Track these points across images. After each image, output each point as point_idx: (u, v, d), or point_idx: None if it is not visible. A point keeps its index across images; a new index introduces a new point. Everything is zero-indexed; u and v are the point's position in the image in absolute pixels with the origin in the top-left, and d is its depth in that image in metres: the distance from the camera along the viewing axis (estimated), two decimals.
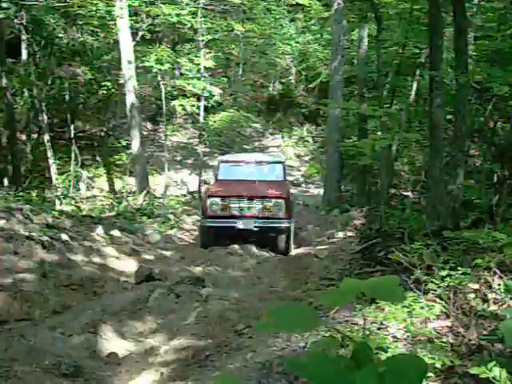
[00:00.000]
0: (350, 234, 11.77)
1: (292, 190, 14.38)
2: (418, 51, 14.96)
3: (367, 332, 3.20)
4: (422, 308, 3.86)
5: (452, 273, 4.13)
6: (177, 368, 4.14)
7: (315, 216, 15.32)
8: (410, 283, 4.21)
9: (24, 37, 16.60)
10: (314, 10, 25.63)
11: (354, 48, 19.01)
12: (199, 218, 12.62)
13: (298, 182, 21.18)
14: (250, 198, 11.09)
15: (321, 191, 17.54)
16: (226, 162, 13.08)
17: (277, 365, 3.20)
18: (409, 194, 16.48)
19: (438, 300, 4.00)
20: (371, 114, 12.13)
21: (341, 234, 12.15)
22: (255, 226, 10.92)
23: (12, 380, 3.94)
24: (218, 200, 11.07)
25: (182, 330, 5.25)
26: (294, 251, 11.40)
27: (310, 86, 26.50)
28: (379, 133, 10.33)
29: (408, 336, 3.66)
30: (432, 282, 4.07)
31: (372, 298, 3.60)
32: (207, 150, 21.02)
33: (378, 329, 3.73)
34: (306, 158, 24.36)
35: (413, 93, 14.67)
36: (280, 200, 10.98)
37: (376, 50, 12.07)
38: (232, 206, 11.05)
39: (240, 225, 10.88)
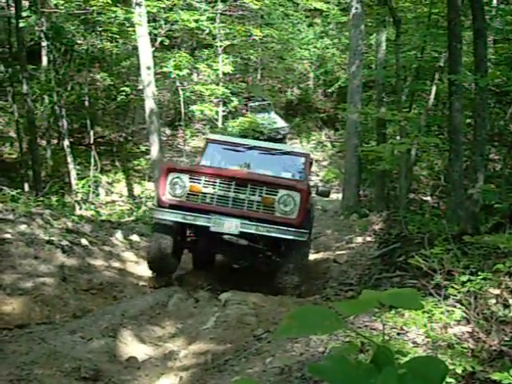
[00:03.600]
0: (368, 238, 11.70)
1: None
2: (436, 55, 14.88)
3: (387, 337, 3.18)
4: (442, 313, 3.83)
5: (472, 278, 4.09)
6: (196, 372, 4.14)
7: (334, 221, 15.27)
8: (430, 288, 4.18)
9: (44, 44, 16.79)
10: (332, 14, 25.63)
11: (372, 52, 18.97)
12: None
13: (325, 190, 21.01)
14: (241, 183, 7.07)
15: (339, 196, 17.48)
16: (217, 142, 9.19)
17: (296, 370, 3.19)
18: (428, 198, 16.38)
19: (458, 305, 3.97)
20: (390, 119, 12.07)
21: (360, 239, 12.08)
22: (242, 232, 6.90)
23: (33, 382, 3.96)
24: (184, 177, 7.11)
25: (200, 335, 5.26)
26: (312, 256, 11.34)
27: (329, 90, 26.47)
28: (398, 137, 10.28)
29: (428, 341, 3.63)
30: (452, 287, 4.04)
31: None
32: None
33: (398, 334, 3.71)
34: (325, 163, 24.33)
35: (432, 97, 14.59)
36: (293, 192, 7.00)
37: (394, 54, 12.01)
38: (207, 191, 7.06)
39: (216, 226, 6.87)
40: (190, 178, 7.18)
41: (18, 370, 4.12)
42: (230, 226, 6.91)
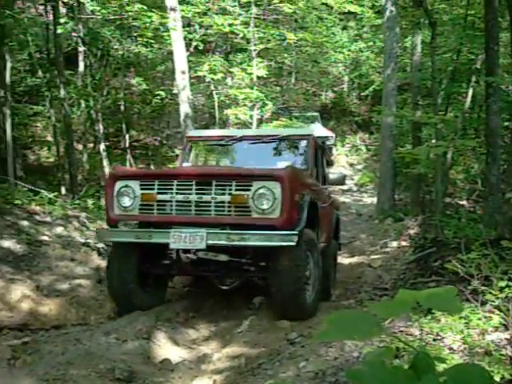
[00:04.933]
0: (403, 243, 11.59)
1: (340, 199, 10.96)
2: (473, 57, 14.69)
3: (423, 343, 3.14)
4: (479, 319, 3.77)
5: (511, 283, 4.01)
6: (229, 376, 4.15)
7: (368, 225, 15.17)
8: (467, 294, 4.11)
9: (81, 49, 17.04)
10: (366, 17, 25.48)
11: (408, 55, 18.84)
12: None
13: (337, 177, 20.99)
14: (203, 181, 5.60)
15: (374, 200, 17.36)
16: (198, 139, 8.03)
17: (330, 374, 3.17)
18: (464, 202, 16.16)
19: (496, 311, 3.90)
20: (426, 122, 11.94)
21: (394, 244, 11.97)
22: (210, 246, 5.44)
23: (68, 383, 4.01)
24: (133, 185, 5.73)
25: (234, 338, 5.26)
26: (346, 260, 11.27)
27: (363, 93, 26.33)
28: (433, 140, 10.17)
29: (465, 348, 3.57)
30: (490, 292, 3.97)
31: (428, 308, 3.53)
32: None
33: (434, 340, 3.65)
34: (359, 167, 24.19)
35: (468, 99, 14.40)
36: (271, 183, 5.36)
37: (430, 57, 11.89)
38: (163, 198, 5.64)
39: (176, 242, 5.43)
40: (142, 185, 5.74)
41: (54, 369, 4.18)
42: (194, 240, 5.33)
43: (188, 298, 6.93)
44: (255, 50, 16.86)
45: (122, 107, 18.46)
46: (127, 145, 18.05)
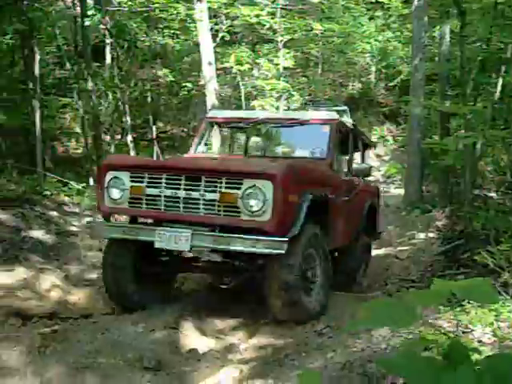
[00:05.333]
0: (431, 235, 11.49)
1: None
2: (502, 46, 14.44)
3: (451, 335, 3.11)
4: (510, 312, 3.72)
5: None
6: (256, 366, 4.15)
7: (395, 216, 15.06)
8: (497, 286, 4.06)
9: (108, 41, 17.15)
10: (394, 7, 25.20)
11: (436, 45, 18.56)
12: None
13: (362, 167, 20.56)
14: (192, 176, 5.20)
15: (401, 191, 17.22)
16: (217, 119, 7.55)
17: (357, 365, 3.15)
18: (493, 194, 15.94)
19: None
20: (455, 112, 11.79)
21: (422, 235, 11.88)
22: (194, 248, 5.22)
23: (97, 371, 4.06)
24: (123, 176, 5.43)
25: (261, 329, 5.28)
26: (374, 252, 11.21)
27: (391, 84, 26.06)
28: (462, 131, 10.02)
29: (494, 341, 3.53)
30: None
31: (459, 300, 3.50)
32: None
33: (463, 332, 3.62)
34: (386, 158, 24.01)
35: (498, 89, 14.17)
36: (261, 181, 4.87)
37: (459, 46, 11.71)
38: (152, 192, 5.33)
39: (160, 241, 5.12)
40: (132, 177, 5.43)
41: (83, 357, 4.24)
42: (179, 240, 5.01)
43: (214, 290, 6.95)
44: (282, 41, 16.78)
45: (149, 99, 18.57)
46: (154, 136, 18.16)
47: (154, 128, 18.21)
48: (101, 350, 4.43)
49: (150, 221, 5.94)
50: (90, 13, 13.27)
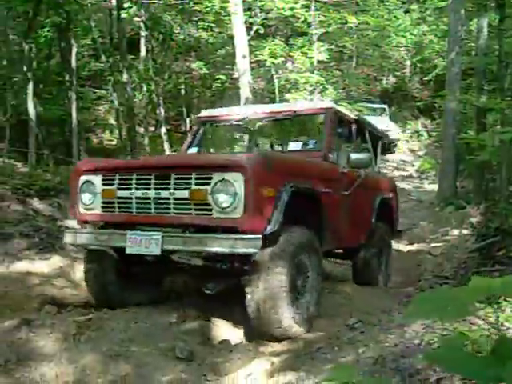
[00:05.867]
0: (465, 231, 11.34)
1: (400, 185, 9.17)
2: None
3: (490, 332, 3.07)
4: None
5: None
6: (288, 358, 4.16)
7: (429, 212, 14.92)
8: None
9: (143, 34, 17.28)
10: (430, 0, 24.90)
11: (473, 39, 18.30)
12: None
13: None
14: (162, 174, 4.79)
15: (435, 187, 17.04)
16: (209, 119, 7.14)
17: (390, 361, 3.14)
18: None
19: None
20: (492, 107, 11.60)
21: (455, 232, 11.74)
22: (166, 251, 4.67)
23: (131, 359, 4.12)
24: (95, 180, 5.16)
25: None
26: (406, 247, 11.13)
27: (426, 78, 25.78)
28: (499, 126, 9.88)
29: None
30: None
31: (495, 297, 3.44)
32: None
33: (498, 330, 3.57)
34: (420, 153, 23.79)
35: None
36: (231, 174, 4.40)
37: (497, 40, 11.51)
38: (123, 194, 4.98)
39: (131, 246, 4.74)
40: (104, 180, 5.13)
41: (117, 346, 4.29)
42: (149, 244, 4.64)
43: None
44: (316, 34, 16.72)
45: (183, 91, 18.68)
46: (188, 128, 18.26)
47: (187, 120, 18.32)
48: (134, 338, 4.48)
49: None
50: (126, 5, 13.38)
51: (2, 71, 13.52)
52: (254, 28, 15.55)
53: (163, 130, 16.70)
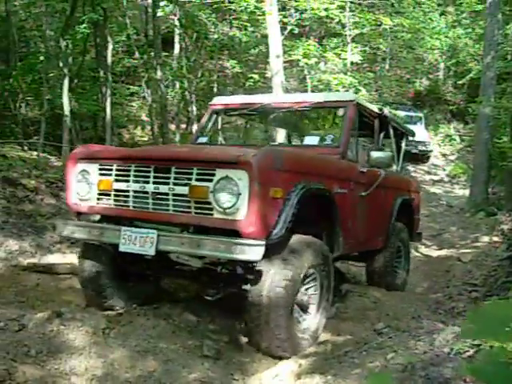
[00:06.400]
0: (496, 239, 11.22)
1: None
2: None
3: None
4: None
5: None
6: (315, 361, 4.16)
7: (459, 218, 14.78)
8: None
9: (177, 31, 17.39)
10: (466, 3, 24.60)
11: (509, 43, 18.07)
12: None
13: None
14: (161, 166, 4.40)
15: (466, 192, 16.87)
16: (222, 106, 6.78)
17: (420, 368, 3.12)
18: None
19: None
20: None
21: (486, 239, 11.62)
22: (160, 251, 4.32)
23: (158, 356, 4.16)
24: (91, 168, 4.82)
25: None
26: (435, 253, 11.03)
27: (459, 82, 25.51)
28: None
29: None
30: None
31: None
32: None
33: None
34: (452, 157, 23.55)
35: None
36: (234, 172, 3.99)
37: None
38: (120, 186, 4.65)
39: (125, 244, 4.43)
40: (100, 169, 4.78)
41: (145, 342, 4.34)
42: (144, 242, 4.31)
43: None
44: (350, 35, 16.65)
45: (215, 89, 18.73)
46: (219, 126, 18.31)
47: (219, 119, 18.38)
48: (162, 335, 4.53)
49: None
50: (162, 3, 13.48)
51: (39, 66, 13.72)
52: (288, 28, 15.54)
53: (195, 127, 16.77)
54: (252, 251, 3.85)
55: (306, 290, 4.51)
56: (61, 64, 12.78)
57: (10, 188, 8.33)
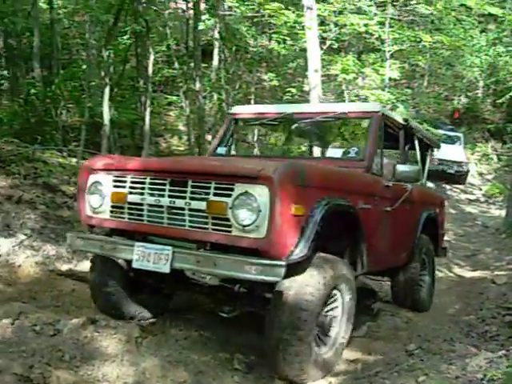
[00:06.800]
0: None
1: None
2: None
3: None
4: None
5: None
6: (345, 380, 4.16)
7: (494, 238, 14.55)
8: None
9: (217, 43, 17.57)
10: (508, 20, 24.30)
11: None
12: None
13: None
14: (178, 180, 4.20)
15: (502, 213, 16.61)
16: (242, 116, 6.48)
17: None
18: None
19: None
20: None
21: None
22: (175, 269, 4.14)
23: (190, 366, 4.20)
24: (105, 180, 4.69)
25: (351, 342, 5.25)
26: (468, 274, 10.88)
27: (499, 101, 25.17)
28: None
29: None
30: None
31: None
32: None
33: None
34: (489, 177, 23.23)
35: None
36: (255, 187, 3.80)
37: None
38: (134, 199, 4.47)
39: (139, 260, 4.25)
40: (114, 181, 4.63)
41: (177, 352, 4.39)
42: (159, 259, 4.13)
43: None
44: (389, 51, 16.60)
45: (252, 101, 18.83)
46: (255, 139, 18.41)
47: (255, 131, 18.47)
48: (194, 347, 4.57)
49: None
50: (204, 17, 13.64)
51: (81, 74, 14.00)
52: (328, 43, 15.57)
53: None
54: (272, 272, 3.67)
55: (328, 311, 4.33)
56: (102, 73, 13.01)
57: (50, 194, 8.48)
